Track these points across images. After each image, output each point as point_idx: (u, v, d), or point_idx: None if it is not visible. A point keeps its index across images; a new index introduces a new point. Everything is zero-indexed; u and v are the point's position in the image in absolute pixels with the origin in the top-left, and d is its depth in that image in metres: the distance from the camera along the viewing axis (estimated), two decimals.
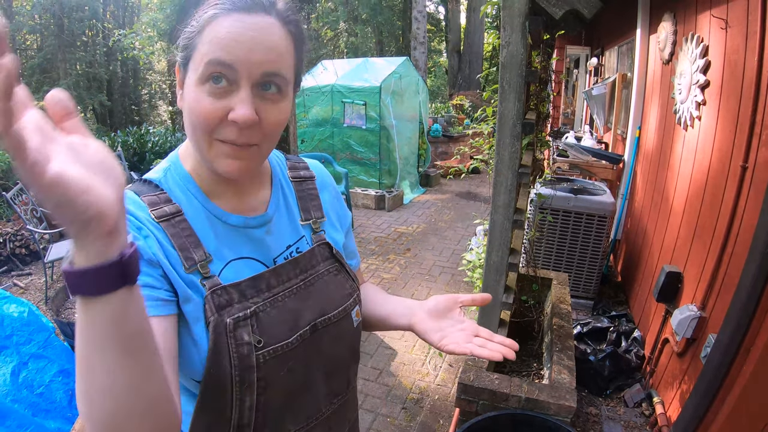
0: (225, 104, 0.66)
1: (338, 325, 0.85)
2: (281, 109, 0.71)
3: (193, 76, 0.68)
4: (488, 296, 0.87)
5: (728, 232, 2.02)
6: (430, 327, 0.86)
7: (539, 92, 2.28)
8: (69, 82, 12.92)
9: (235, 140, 0.68)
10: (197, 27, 0.68)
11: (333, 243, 0.90)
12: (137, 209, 0.70)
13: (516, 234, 2.16)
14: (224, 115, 0.66)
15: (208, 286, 0.72)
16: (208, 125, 0.67)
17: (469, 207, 7.07)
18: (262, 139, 0.70)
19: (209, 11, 0.67)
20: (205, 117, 0.67)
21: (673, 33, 3.01)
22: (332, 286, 0.86)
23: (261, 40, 0.66)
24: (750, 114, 1.90)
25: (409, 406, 2.80)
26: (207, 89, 0.66)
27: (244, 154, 0.70)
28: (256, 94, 0.68)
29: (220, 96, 0.66)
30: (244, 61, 0.65)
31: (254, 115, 0.66)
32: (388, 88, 6.68)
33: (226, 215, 0.78)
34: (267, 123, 0.69)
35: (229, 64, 0.65)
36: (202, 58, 0.66)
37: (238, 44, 0.65)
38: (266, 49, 0.66)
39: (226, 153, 0.69)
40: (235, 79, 0.66)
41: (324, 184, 0.96)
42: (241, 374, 0.71)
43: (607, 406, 2.72)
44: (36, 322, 2.51)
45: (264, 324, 0.74)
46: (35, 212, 4.56)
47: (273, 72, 0.67)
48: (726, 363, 1.76)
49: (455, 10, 15.02)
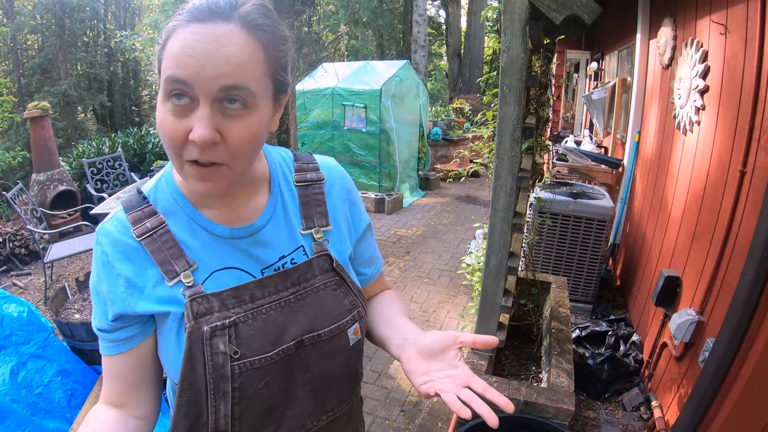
0: (186, 123, 0.63)
1: (330, 343, 0.81)
2: (247, 125, 0.66)
3: (160, 92, 0.66)
4: (493, 340, 0.74)
5: (727, 237, 2.03)
6: (417, 369, 0.76)
7: (539, 96, 2.29)
8: (70, 82, 12.93)
9: (198, 159, 0.65)
10: (162, 41, 0.65)
11: (336, 254, 0.86)
12: (119, 234, 0.75)
13: (515, 238, 2.17)
14: (186, 134, 0.63)
15: (188, 295, 0.72)
16: (174, 145, 0.65)
17: (469, 210, 7.08)
18: (229, 159, 0.66)
19: (171, 23, 0.65)
20: (169, 137, 0.65)
21: (673, 38, 3.02)
22: (328, 301, 0.82)
23: (215, 53, 0.61)
24: (749, 119, 1.90)
25: (408, 409, 2.80)
26: (170, 107, 0.64)
27: (213, 174, 0.67)
28: (217, 110, 0.64)
29: (181, 114, 0.64)
30: (198, 77, 0.61)
31: (212, 135, 0.63)
32: (388, 91, 6.70)
33: (212, 225, 0.78)
34: (231, 141, 0.65)
35: (183, 81, 0.61)
36: (163, 75, 0.63)
37: (191, 59, 0.61)
38: (222, 61, 0.61)
39: (194, 175, 0.67)
40: (194, 96, 0.62)
41: (335, 186, 0.91)
42: (215, 383, 0.71)
43: (606, 410, 2.72)
44: (35, 322, 2.51)
45: (243, 335, 0.73)
46: (35, 212, 4.57)
47: (232, 85, 0.62)
48: (724, 367, 1.76)
49: (456, 13, 15.05)
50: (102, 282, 0.74)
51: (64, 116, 13.12)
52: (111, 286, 0.73)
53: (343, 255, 0.88)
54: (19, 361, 2.33)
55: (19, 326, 2.42)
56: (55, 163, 5.61)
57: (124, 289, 0.73)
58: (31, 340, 2.43)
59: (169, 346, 0.75)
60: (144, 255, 0.74)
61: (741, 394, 1.69)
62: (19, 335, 2.40)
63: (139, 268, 0.74)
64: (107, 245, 0.74)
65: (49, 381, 2.36)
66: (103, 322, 0.75)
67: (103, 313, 0.75)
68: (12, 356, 2.32)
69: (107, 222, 0.76)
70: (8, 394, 2.19)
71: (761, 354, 1.61)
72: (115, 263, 0.73)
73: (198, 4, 0.64)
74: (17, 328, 2.41)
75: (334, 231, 0.88)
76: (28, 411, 2.20)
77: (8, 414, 2.03)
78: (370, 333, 0.96)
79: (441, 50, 21.51)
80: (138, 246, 0.74)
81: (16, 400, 2.19)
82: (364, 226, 0.96)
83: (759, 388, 1.64)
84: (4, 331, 2.36)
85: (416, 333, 0.84)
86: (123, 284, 0.73)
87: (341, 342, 0.82)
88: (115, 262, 0.73)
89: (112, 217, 0.77)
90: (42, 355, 2.42)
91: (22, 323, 2.44)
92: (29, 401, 2.24)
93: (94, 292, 0.76)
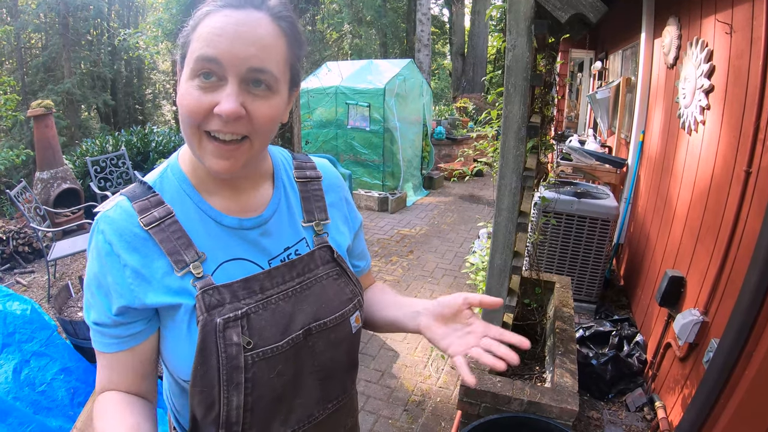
0: (212, 98, 0.67)
1: (334, 331, 0.84)
2: (271, 105, 0.70)
3: (185, 72, 0.69)
4: (499, 300, 0.80)
5: (731, 237, 2.02)
6: (438, 334, 0.82)
7: (544, 95, 2.28)
8: (73, 81, 12.94)
9: (221, 129, 0.67)
10: (192, 25, 0.69)
11: (336, 246, 0.89)
12: (124, 222, 0.73)
13: (520, 237, 2.16)
14: (210, 108, 0.67)
15: (200, 287, 0.73)
16: (195, 117, 0.68)
17: (472, 210, 7.07)
18: (251, 131, 0.70)
19: (203, 8, 0.69)
20: (192, 109, 0.67)
21: (678, 37, 3.00)
22: (331, 290, 0.85)
23: (245, 34, 0.66)
24: (754, 119, 1.89)
25: (411, 408, 2.79)
26: (197, 84, 0.67)
27: (232, 152, 0.70)
28: (244, 90, 0.68)
29: (208, 90, 0.67)
30: (229, 55, 0.65)
31: (239, 109, 0.66)
32: (392, 90, 6.69)
33: (221, 216, 0.78)
34: (256, 116, 0.69)
35: (214, 58, 0.65)
36: (192, 54, 0.67)
37: (222, 38, 0.65)
38: (251, 42, 0.66)
39: (214, 152, 0.69)
40: (223, 75, 0.66)
41: (331, 185, 0.95)
42: (229, 374, 0.72)
43: (609, 410, 2.71)
44: (38, 320, 2.51)
45: (255, 326, 0.75)
46: (38, 210, 4.58)
47: (259, 68, 0.67)
48: (728, 368, 1.76)
49: (459, 12, 15.02)
50: (106, 273, 0.72)
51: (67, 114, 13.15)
52: (116, 277, 0.71)
53: (341, 247, 0.92)
54: (22, 359, 2.33)
55: (22, 324, 2.42)
56: (59, 162, 5.63)
57: (131, 280, 0.71)
58: (34, 338, 2.43)
59: (180, 340, 0.74)
60: (152, 245, 0.72)
61: (745, 395, 1.68)
62: (22, 333, 2.40)
63: (147, 259, 0.72)
64: (111, 234, 0.72)
65: (52, 379, 2.37)
66: (105, 315, 0.73)
67: (106, 306, 0.73)
68: (15, 354, 2.32)
69: (109, 210, 0.74)
70: (11, 392, 2.19)
71: (766, 355, 1.60)
72: (120, 253, 0.71)
73: None
74: (20, 326, 2.41)
75: (333, 225, 0.92)
76: (31, 409, 2.20)
77: (11, 412, 2.04)
78: (375, 321, 1.00)
79: (444, 49, 21.48)
80: (146, 235, 0.72)
81: (19, 398, 2.20)
82: (359, 223, 1.01)
83: (763, 389, 1.63)
84: (8, 329, 2.36)
85: (426, 304, 0.88)
86: (130, 275, 0.71)
87: (345, 330, 0.86)
88: (120, 251, 0.71)
89: (114, 205, 0.74)
90: (45, 353, 2.42)
91: (25, 321, 2.44)
92: (32, 399, 2.24)
93: (94, 284, 0.74)
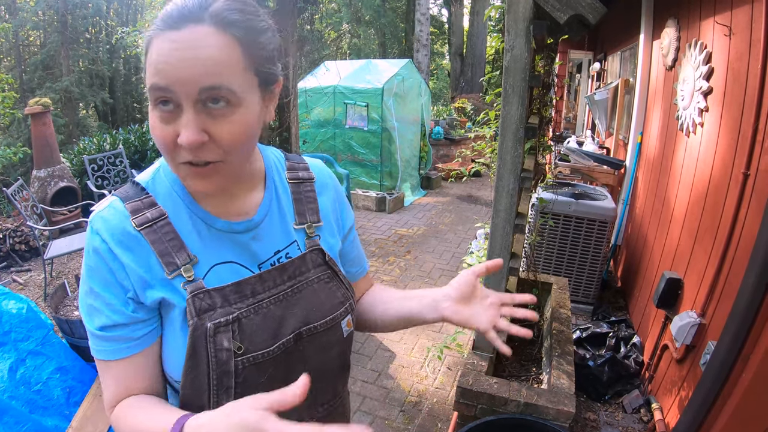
0: (173, 128, 0.65)
1: (326, 335, 0.83)
2: (234, 123, 0.66)
3: (149, 100, 0.67)
4: (499, 261, 0.88)
5: (729, 239, 2.02)
6: (466, 315, 0.85)
7: (542, 96, 2.28)
8: (71, 78, 12.91)
9: (191, 161, 0.66)
10: (144, 50, 0.67)
11: (327, 249, 0.89)
12: (117, 221, 0.72)
13: (517, 238, 2.16)
14: (175, 139, 0.65)
15: (190, 290, 0.72)
16: (166, 150, 0.67)
17: (470, 210, 7.07)
18: (222, 155, 0.67)
19: (148, 33, 0.66)
20: (161, 143, 0.66)
21: (677, 39, 3.01)
22: (322, 293, 0.84)
23: (190, 56, 0.62)
24: (753, 121, 1.89)
25: (408, 409, 2.79)
26: (158, 114, 0.66)
27: (208, 172, 0.68)
28: (201, 112, 0.64)
29: (168, 120, 0.65)
30: (176, 81, 0.62)
31: (199, 137, 0.64)
32: (390, 90, 6.68)
33: (212, 219, 0.78)
34: (220, 140, 0.66)
35: (164, 88, 0.63)
36: (147, 83, 0.65)
37: (168, 66, 0.62)
38: (198, 63, 0.62)
39: (190, 174, 0.68)
40: (178, 101, 0.64)
41: (324, 186, 0.94)
42: (219, 379, 0.71)
43: (606, 412, 2.72)
44: (34, 318, 2.50)
45: (246, 330, 0.74)
46: (35, 208, 4.56)
47: (211, 86, 0.63)
48: (725, 370, 1.76)
49: (458, 13, 15.03)
50: (112, 271, 0.70)
51: (65, 113, 13.11)
52: (121, 274, 0.70)
53: (333, 250, 0.91)
54: (18, 357, 2.32)
55: (18, 323, 2.41)
56: (56, 160, 5.61)
57: (133, 278, 0.71)
58: (30, 337, 2.42)
59: (174, 339, 0.73)
60: (144, 245, 0.72)
61: (742, 398, 1.68)
62: (18, 332, 2.39)
63: (141, 258, 0.71)
64: (105, 233, 0.70)
65: (48, 378, 2.36)
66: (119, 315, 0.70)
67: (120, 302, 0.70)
68: (11, 353, 2.31)
69: (102, 210, 0.73)
70: (7, 391, 2.18)
71: (763, 357, 1.60)
72: (117, 252, 0.70)
73: (170, 10, 0.64)
74: (16, 324, 2.40)
75: (325, 227, 0.91)
76: (27, 408, 2.19)
77: (6, 411, 2.03)
78: (383, 320, 0.98)
79: (443, 49, 21.50)
80: (137, 235, 0.71)
81: (15, 397, 2.19)
82: (350, 225, 1.00)
83: (761, 391, 1.63)
84: (3, 328, 2.35)
85: (442, 291, 0.89)
86: (131, 273, 0.70)
87: (336, 334, 0.85)
88: (116, 250, 0.70)
89: (107, 205, 0.73)
90: (41, 352, 2.41)
91: (21, 320, 2.43)
92: (28, 398, 2.23)
93: (100, 284, 0.71)
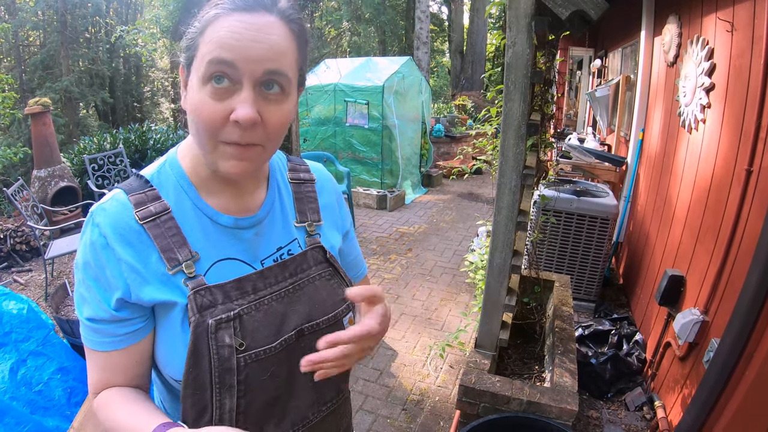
0: (227, 105, 0.66)
1: (328, 332, 0.81)
2: (284, 110, 0.70)
3: (195, 77, 0.67)
4: None
5: (732, 236, 2.01)
6: None
7: (544, 93, 2.27)
8: (71, 78, 12.89)
9: (238, 141, 0.67)
10: (199, 27, 0.68)
11: (328, 247, 0.89)
12: (119, 214, 0.71)
13: (519, 236, 2.15)
14: (226, 116, 0.66)
15: (191, 287, 0.72)
16: (212, 128, 0.67)
17: (471, 208, 7.06)
18: (265, 140, 0.70)
19: (211, 11, 0.67)
20: (209, 120, 0.66)
21: (678, 35, 2.99)
22: (324, 291, 0.85)
23: (262, 39, 0.65)
24: (755, 118, 1.88)
25: (410, 408, 2.79)
26: (209, 90, 0.66)
27: (249, 154, 0.69)
28: (258, 94, 0.67)
29: (222, 97, 0.66)
30: (246, 59, 0.64)
31: (256, 115, 0.65)
32: (390, 87, 6.67)
33: (217, 215, 0.78)
34: (269, 124, 0.68)
35: (230, 62, 0.64)
36: (204, 58, 0.66)
37: (239, 43, 0.64)
38: (267, 47, 0.65)
39: (231, 154, 0.69)
40: (238, 78, 0.65)
41: (324, 187, 0.96)
42: (221, 376, 0.71)
43: (608, 410, 2.71)
44: (35, 319, 2.50)
45: (247, 327, 0.74)
46: (36, 208, 4.56)
47: (275, 70, 0.66)
48: (728, 368, 1.75)
49: (458, 10, 15.00)
50: (103, 267, 0.70)
51: (65, 112, 13.09)
52: (113, 271, 0.70)
53: (334, 248, 0.92)
54: (19, 358, 2.32)
55: (19, 323, 2.41)
56: (56, 160, 5.60)
57: (128, 275, 0.70)
58: (31, 337, 2.42)
59: (175, 339, 0.73)
60: (146, 239, 0.71)
61: (746, 396, 1.67)
62: (19, 332, 2.39)
63: (141, 253, 0.71)
64: (105, 226, 0.70)
65: (49, 378, 2.35)
66: (103, 310, 0.70)
67: (105, 301, 0.70)
68: (11, 353, 2.31)
69: (104, 203, 0.72)
70: (7, 392, 2.18)
71: (766, 355, 1.59)
72: (115, 247, 0.69)
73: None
74: (17, 325, 2.39)
75: (325, 226, 0.93)
76: (28, 409, 2.19)
77: (7, 412, 2.02)
78: None
79: (443, 47, 21.43)
80: (140, 229, 0.71)
81: (16, 398, 2.18)
82: (348, 226, 1.01)
83: (764, 389, 1.62)
84: (4, 329, 2.35)
85: None
86: (126, 269, 0.70)
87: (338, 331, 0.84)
88: (115, 245, 0.69)
89: (110, 198, 0.73)
90: (42, 352, 2.41)
91: (21, 320, 2.42)
92: (29, 399, 2.23)
93: (90, 277, 0.71)
